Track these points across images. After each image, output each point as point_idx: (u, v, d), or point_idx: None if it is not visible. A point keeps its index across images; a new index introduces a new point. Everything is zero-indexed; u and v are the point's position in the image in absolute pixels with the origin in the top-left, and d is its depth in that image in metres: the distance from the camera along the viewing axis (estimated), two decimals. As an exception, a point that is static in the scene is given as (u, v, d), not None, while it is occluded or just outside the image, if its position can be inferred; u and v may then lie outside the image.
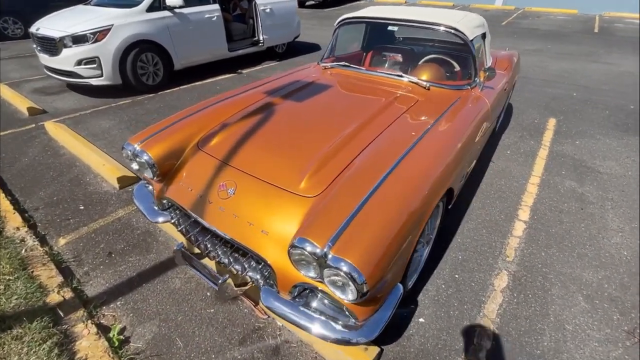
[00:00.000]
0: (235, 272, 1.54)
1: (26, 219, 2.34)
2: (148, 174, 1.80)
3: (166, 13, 4.75)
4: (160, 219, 1.82)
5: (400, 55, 2.71)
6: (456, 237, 2.28)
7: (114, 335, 1.60)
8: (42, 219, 2.40)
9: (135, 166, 1.86)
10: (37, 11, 7.94)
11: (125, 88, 4.62)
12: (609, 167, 3.13)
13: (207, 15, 5.23)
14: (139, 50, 4.54)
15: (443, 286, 1.93)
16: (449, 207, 2.10)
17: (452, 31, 2.32)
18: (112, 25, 4.28)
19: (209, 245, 1.61)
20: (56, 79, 4.67)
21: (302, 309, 1.34)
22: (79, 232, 2.29)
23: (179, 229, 1.75)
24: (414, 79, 2.30)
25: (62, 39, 4.18)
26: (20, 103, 4.21)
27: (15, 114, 4.10)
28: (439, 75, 2.40)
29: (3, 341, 1.46)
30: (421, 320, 1.74)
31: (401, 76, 2.35)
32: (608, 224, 2.41)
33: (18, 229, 2.19)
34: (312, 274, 1.22)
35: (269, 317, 1.73)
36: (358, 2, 16.27)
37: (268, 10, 6.12)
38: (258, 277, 1.48)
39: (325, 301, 1.36)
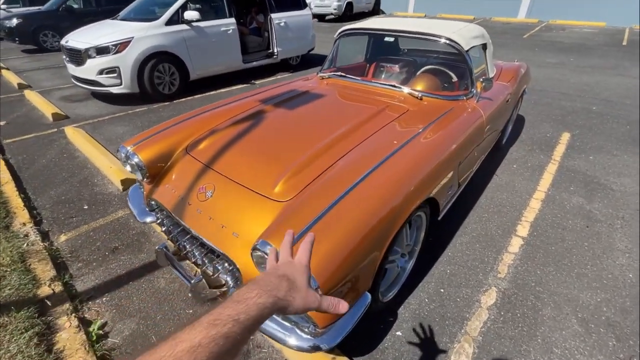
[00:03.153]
0: (209, 273, 1.56)
1: (34, 215, 2.50)
2: (138, 176, 1.88)
3: (184, 26, 5.01)
4: (148, 219, 1.89)
5: (397, 66, 2.71)
6: (447, 251, 2.21)
7: (94, 329, 1.66)
8: (48, 216, 2.55)
9: (128, 168, 1.95)
10: (73, 25, 8.60)
11: (142, 96, 4.87)
12: (623, 184, 2.95)
13: (223, 29, 5.47)
14: (157, 61, 4.80)
15: (426, 300, 1.87)
16: (439, 219, 2.05)
17: (448, 42, 2.31)
18: (133, 37, 4.56)
19: (187, 246, 1.65)
20: (82, 88, 5.00)
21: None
22: (79, 229, 2.40)
23: (163, 229, 1.80)
24: (407, 89, 2.30)
25: (87, 50, 4.50)
26: (47, 109, 4.53)
27: (41, 118, 4.41)
28: (434, 86, 2.38)
29: (-9, 328, 1.55)
30: (398, 333, 1.69)
31: (394, 86, 2.35)
32: (615, 244, 2.26)
33: (24, 224, 2.34)
34: (271, 277, 1.22)
35: (244, 321, 1.73)
36: (377, 16, 16.45)
37: (283, 24, 6.32)
38: (229, 279, 1.49)
39: (290, 306, 1.36)
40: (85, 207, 2.66)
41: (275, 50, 6.38)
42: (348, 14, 14.84)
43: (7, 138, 3.84)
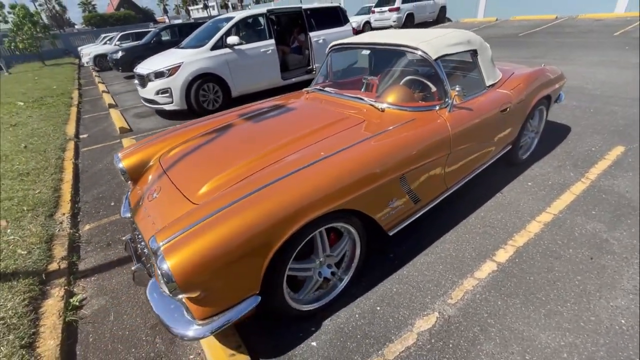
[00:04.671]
0: (147, 264, 1.81)
1: (74, 208, 3.14)
2: (124, 179, 2.27)
3: (227, 50, 5.66)
4: (128, 215, 2.25)
5: (378, 78, 2.68)
6: (403, 269, 2.09)
7: (74, 301, 2.05)
8: (85, 209, 3.17)
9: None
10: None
11: (189, 112, 5.62)
12: (672, 211, 2.36)
13: (262, 50, 5.99)
14: (202, 82, 5.51)
15: (357, 316, 1.81)
16: (390, 234, 1.98)
17: (415, 51, 2.24)
18: (182, 62, 5.33)
19: (138, 237, 1.94)
20: (147, 107, 6.00)
21: (157, 296, 1.52)
22: (100, 222, 2.94)
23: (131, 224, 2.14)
24: (369, 101, 2.28)
25: (148, 75, 5.42)
26: (118, 123, 5.57)
27: (113, 132, 5.44)
28: (402, 97, 2.30)
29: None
30: (313, 344, 1.69)
31: (360, 99, 2.36)
32: (619, 282, 1.85)
33: (64, 214, 2.96)
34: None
35: (185, 311, 1.93)
36: (439, 24, 15.77)
37: (321, 41, 6.63)
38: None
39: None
40: (112, 203, 3.23)
41: (314, 66, 6.68)
42: (409, 25, 14.58)
43: (84, 147, 4.85)
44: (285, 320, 1.82)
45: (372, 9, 14.88)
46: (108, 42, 15.66)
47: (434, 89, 2.40)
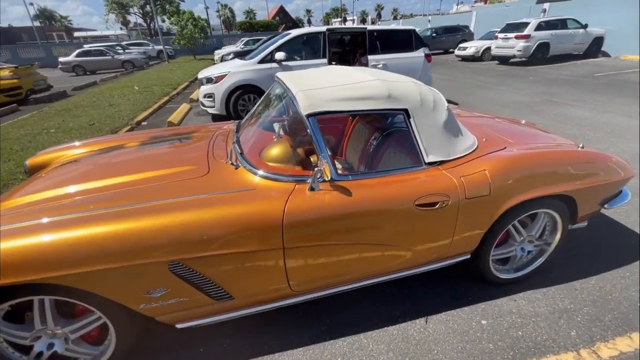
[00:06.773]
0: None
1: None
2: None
3: (273, 65, 5.73)
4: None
5: (281, 126, 2.15)
6: (189, 376, 1.60)
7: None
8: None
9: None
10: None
11: (228, 118, 5.91)
12: None
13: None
14: (243, 92, 5.73)
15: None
16: (178, 327, 1.54)
17: (293, 99, 1.69)
18: (229, 72, 5.65)
19: None
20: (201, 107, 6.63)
21: None
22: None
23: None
24: (235, 153, 1.84)
25: (202, 79, 5.95)
26: (172, 117, 6.30)
27: (165, 125, 6.19)
28: (272, 157, 1.75)
29: None
30: None
31: (235, 147, 1.92)
32: None
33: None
34: None
35: None
36: (587, 59, 12.52)
37: (380, 66, 6.07)
38: None
39: None
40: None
41: (368, 91, 6.16)
42: (539, 56, 12.05)
43: (134, 133, 5.65)
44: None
45: (496, 34, 12.92)
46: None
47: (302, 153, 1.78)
